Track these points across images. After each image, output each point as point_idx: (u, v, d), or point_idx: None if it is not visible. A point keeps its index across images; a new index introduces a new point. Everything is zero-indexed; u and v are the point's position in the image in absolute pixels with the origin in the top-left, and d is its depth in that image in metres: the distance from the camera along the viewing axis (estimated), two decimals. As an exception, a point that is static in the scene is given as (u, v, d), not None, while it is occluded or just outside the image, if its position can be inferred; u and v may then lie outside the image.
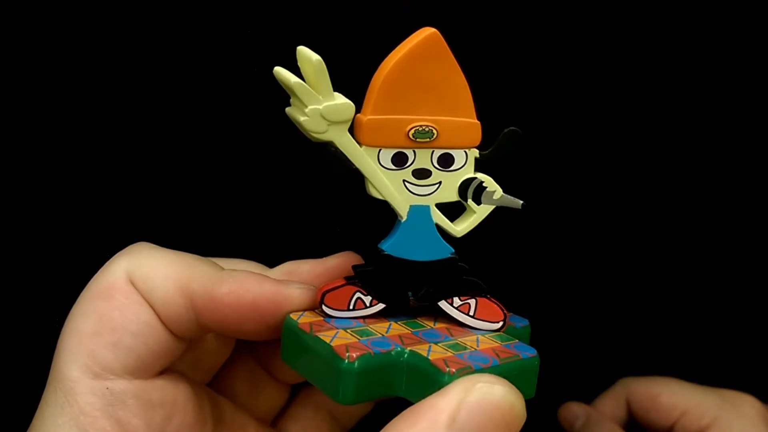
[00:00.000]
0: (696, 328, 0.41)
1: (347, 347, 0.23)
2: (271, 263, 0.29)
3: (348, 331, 0.24)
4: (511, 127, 0.25)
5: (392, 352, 0.23)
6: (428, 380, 0.22)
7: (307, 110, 0.23)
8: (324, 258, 0.28)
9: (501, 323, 0.26)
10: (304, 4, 0.35)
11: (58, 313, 0.25)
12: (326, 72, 0.23)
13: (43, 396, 0.24)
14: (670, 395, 0.36)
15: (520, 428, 0.21)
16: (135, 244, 0.26)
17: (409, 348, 0.23)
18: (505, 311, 0.26)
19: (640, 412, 0.37)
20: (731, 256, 0.40)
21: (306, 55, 0.23)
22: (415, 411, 0.21)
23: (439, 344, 0.24)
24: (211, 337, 0.28)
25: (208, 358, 0.28)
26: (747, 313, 0.40)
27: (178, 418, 0.25)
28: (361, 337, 0.24)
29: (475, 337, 0.25)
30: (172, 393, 0.25)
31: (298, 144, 0.25)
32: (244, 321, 0.25)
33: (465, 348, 0.24)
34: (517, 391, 0.21)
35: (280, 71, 0.24)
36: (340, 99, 0.23)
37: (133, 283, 0.25)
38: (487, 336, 0.25)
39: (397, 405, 0.22)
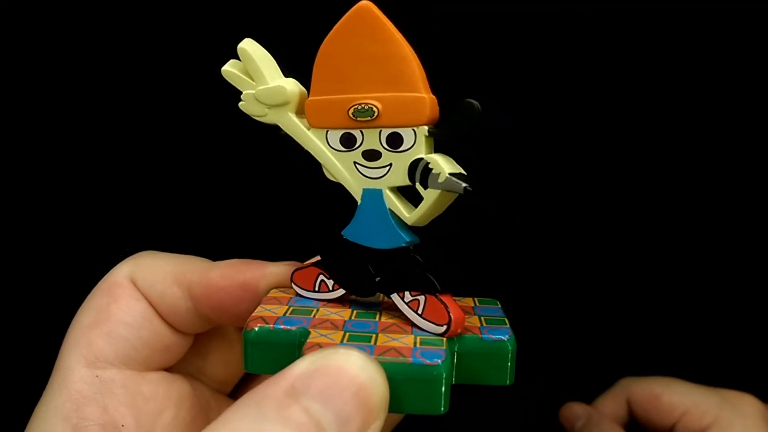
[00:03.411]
0: (696, 328, 0.40)
1: (256, 318, 0.23)
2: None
3: (291, 309, 0.24)
4: (467, 99, 0.21)
5: (290, 331, 0.23)
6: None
7: (242, 95, 0.24)
8: None
9: (444, 327, 0.23)
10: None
11: (68, 315, 0.26)
12: (253, 57, 0.23)
13: (47, 385, 0.25)
14: (671, 395, 0.36)
15: (375, 398, 0.19)
16: (139, 252, 0.28)
17: (312, 329, 0.23)
18: (451, 315, 0.23)
19: (640, 412, 0.37)
20: (731, 257, 0.40)
21: (240, 44, 0.24)
22: (259, 386, 0.19)
23: (348, 333, 0.23)
24: (225, 346, 0.29)
25: (221, 366, 0.29)
26: (747, 313, 0.40)
27: (170, 413, 0.26)
28: (288, 315, 0.24)
29: (401, 335, 0.23)
30: (165, 388, 0.26)
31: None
32: (238, 302, 0.26)
33: (363, 341, 0.22)
34: (373, 361, 0.20)
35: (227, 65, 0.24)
36: (276, 82, 0.24)
37: (134, 283, 0.26)
38: (420, 337, 0.23)
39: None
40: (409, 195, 0.24)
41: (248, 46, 0.24)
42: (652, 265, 0.40)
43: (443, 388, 0.21)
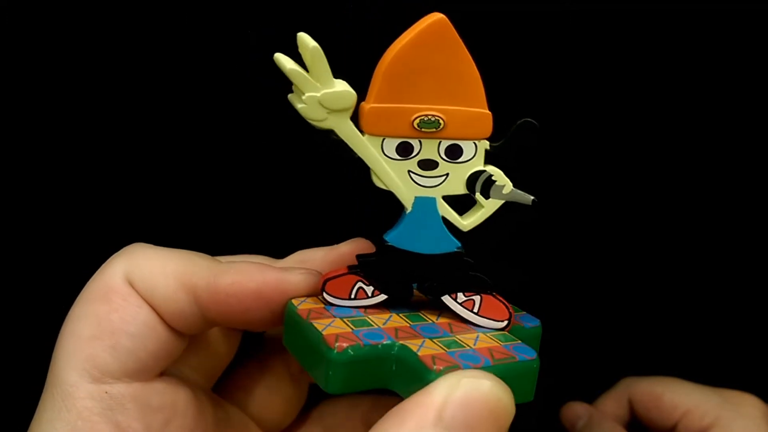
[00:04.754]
0: (698, 328, 0.41)
1: (337, 337, 0.23)
2: (278, 256, 0.29)
3: (345, 320, 0.24)
4: (526, 119, 0.24)
5: (382, 345, 0.23)
6: (415, 376, 0.22)
7: (304, 97, 0.23)
8: (336, 245, 0.28)
9: (506, 322, 0.25)
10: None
11: (56, 316, 0.25)
12: (324, 59, 0.22)
13: (41, 400, 0.24)
14: (672, 395, 0.36)
15: (509, 423, 0.21)
16: (131, 245, 0.26)
17: (401, 342, 0.23)
18: (510, 310, 0.25)
19: (642, 411, 0.37)
20: (732, 256, 0.40)
21: (304, 41, 0.22)
22: (401, 410, 0.21)
23: (435, 340, 0.23)
24: (213, 340, 0.28)
25: (209, 360, 0.28)
26: (748, 313, 0.40)
27: (177, 422, 0.25)
28: (356, 327, 0.24)
29: (475, 335, 0.24)
30: (171, 396, 0.25)
31: (302, 134, 0.25)
32: (248, 310, 0.25)
33: (461, 346, 0.23)
34: (505, 386, 0.21)
35: (279, 58, 0.23)
36: (340, 86, 0.23)
37: (132, 285, 0.25)
38: (488, 335, 0.25)
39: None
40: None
41: (316, 44, 0.22)
42: (653, 265, 0.41)
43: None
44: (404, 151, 0.24)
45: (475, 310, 0.25)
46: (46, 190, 0.36)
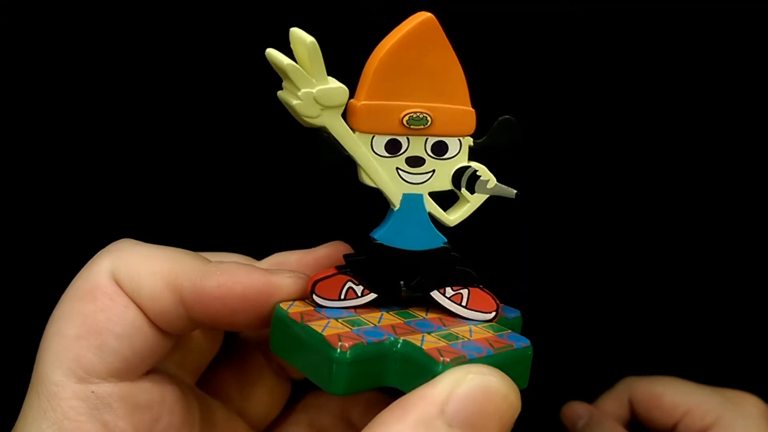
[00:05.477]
0: (698, 327, 0.41)
1: (340, 337, 0.22)
2: (259, 255, 0.29)
3: (339, 320, 0.24)
4: (506, 116, 0.24)
5: (385, 342, 0.23)
6: (421, 370, 0.22)
7: (300, 93, 0.22)
8: (312, 248, 0.28)
9: (494, 313, 0.26)
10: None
11: (39, 314, 0.25)
12: (320, 55, 0.22)
13: (26, 400, 0.24)
14: (673, 395, 0.36)
15: (514, 419, 0.21)
16: (118, 241, 0.26)
17: (402, 338, 0.23)
18: (497, 301, 0.26)
19: (642, 411, 0.37)
20: (733, 256, 0.40)
21: (300, 36, 0.22)
22: (405, 402, 0.20)
23: (432, 334, 0.24)
24: (197, 336, 0.28)
25: (194, 356, 0.28)
26: (750, 313, 0.40)
27: (165, 420, 0.25)
28: (353, 326, 0.24)
29: (467, 328, 0.25)
30: (159, 394, 0.25)
31: (286, 132, 0.25)
32: (234, 313, 0.24)
33: (458, 338, 0.23)
34: (511, 381, 0.21)
35: (273, 53, 0.23)
36: (334, 83, 0.23)
37: (118, 283, 0.24)
38: (479, 326, 0.25)
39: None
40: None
41: (313, 39, 0.22)
42: (654, 265, 0.40)
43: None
44: (393, 148, 0.24)
45: (464, 303, 0.26)
46: (32, 185, 0.36)
